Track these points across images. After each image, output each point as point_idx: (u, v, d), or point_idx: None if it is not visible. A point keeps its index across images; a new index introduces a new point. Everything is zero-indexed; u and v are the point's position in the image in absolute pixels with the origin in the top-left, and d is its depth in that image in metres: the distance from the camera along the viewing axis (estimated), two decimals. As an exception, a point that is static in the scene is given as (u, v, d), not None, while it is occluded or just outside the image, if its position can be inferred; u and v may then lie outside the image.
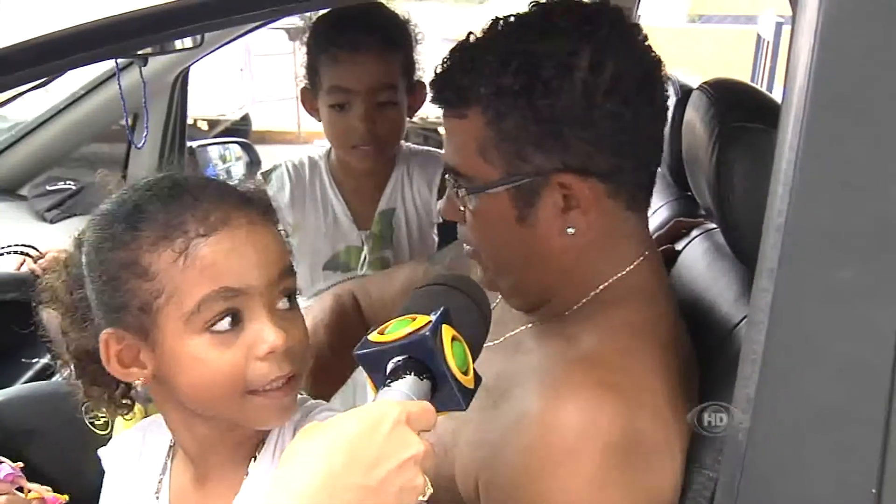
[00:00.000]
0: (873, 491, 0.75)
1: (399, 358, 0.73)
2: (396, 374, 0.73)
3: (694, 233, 1.32)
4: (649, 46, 0.99)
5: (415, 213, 1.71)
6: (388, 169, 1.71)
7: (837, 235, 0.76)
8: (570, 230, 0.97)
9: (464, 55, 0.99)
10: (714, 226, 1.28)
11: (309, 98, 1.67)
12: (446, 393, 0.74)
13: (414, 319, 0.76)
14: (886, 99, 0.75)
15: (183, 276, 0.81)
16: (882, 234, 0.75)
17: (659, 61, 0.99)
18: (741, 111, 1.05)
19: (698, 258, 1.25)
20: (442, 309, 0.76)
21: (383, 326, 0.77)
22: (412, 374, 0.72)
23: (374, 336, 0.76)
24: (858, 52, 0.75)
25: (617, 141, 0.95)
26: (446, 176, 1.06)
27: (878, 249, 0.75)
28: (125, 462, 1.00)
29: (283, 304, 0.85)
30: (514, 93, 0.93)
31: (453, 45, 1.01)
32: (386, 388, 0.73)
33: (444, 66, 1.01)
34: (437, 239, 1.74)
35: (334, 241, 1.68)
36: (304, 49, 1.66)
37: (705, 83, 1.14)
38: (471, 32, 1.01)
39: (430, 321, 0.74)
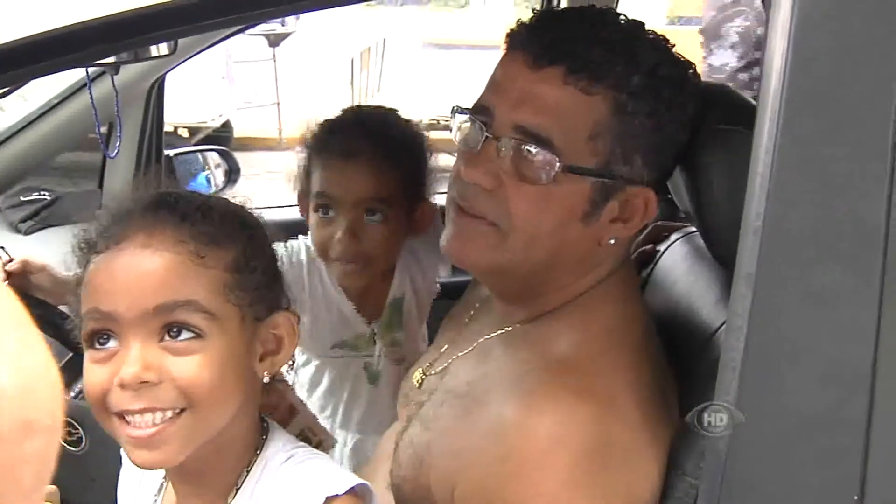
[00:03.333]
0: (855, 498, 0.74)
1: None
2: None
3: (674, 236, 1.31)
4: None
5: (424, 287, 1.62)
6: (392, 260, 1.57)
7: (815, 238, 0.76)
8: (612, 241, 0.96)
9: (602, 29, 0.94)
10: (694, 229, 1.28)
11: (303, 202, 1.54)
12: None
13: None
14: (861, 99, 0.75)
15: (83, 289, 0.85)
16: (860, 235, 0.75)
17: None
18: (719, 113, 1.04)
19: (678, 261, 1.25)
20: None
21: None
22: None
23: None
24: (832, 53, 0.75)
25: (676, 164, 0.99)
26: (502, 139, 0.94)
27: (857, 251, 0.75)
28: (131, 480, 1.01)
29: (168, 336, 0.81)
30: (652, 98, 0.92)
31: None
32: None
33: (567, 26, 0.95)
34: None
35: (342, 332, 1.58)
36: (303, 150, 1.54)
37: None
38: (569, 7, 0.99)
39: None
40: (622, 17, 0.99)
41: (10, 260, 1.45)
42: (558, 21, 0.98)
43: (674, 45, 0.99)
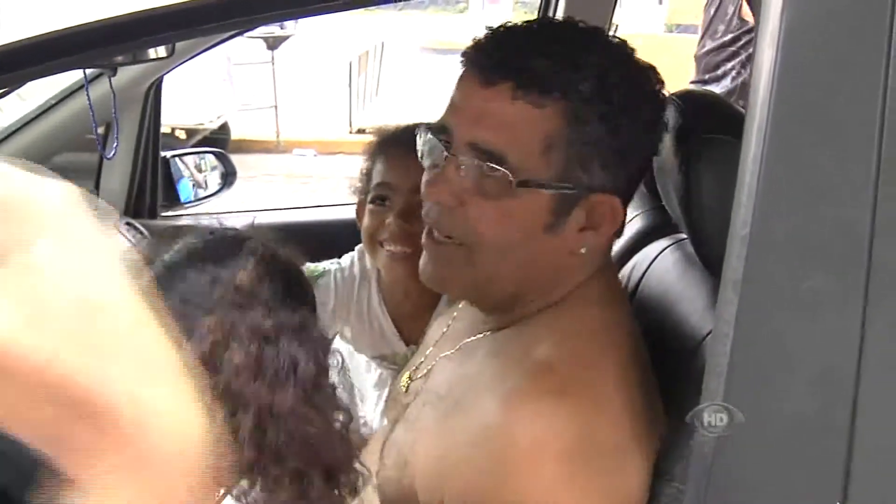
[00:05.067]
0: (837, 503, 0.75)
1: None
2: None
3: (664, 243, 1.32)
4: None
5: None
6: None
7: (802, 245, 0.76)
8: (583, 249, 0.96)
9: (548, 42, 0.94)
10: (684, 236, 1.29)
11: (361, 210, 1.58)
12: None
13: None
14: (849, 108, 0.75)
15: None
16: (846, 243, 0.76)
17: None
18: (709, 122, 1.05)
19: (668, 268, 1.26)
20: None
21: None
22: None
23: None
24: (820, 62, 0.76)
25: (643, 168, 1.00)
26: (444, 160, 0.97)
27: (843, 259, 0.76)
28: None
29: None
30: (604, 105, 0.92)
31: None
32: None
33: (513, 41, 0.96)
34: None
35: (381, 348, 1.60)
36: (364, 157, 1.60)
37: (674, 94, 1.14)
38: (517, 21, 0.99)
39: None
40: (580, 25, 1.00)
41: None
42: (507, 37, 0.98)
43: (633, 50, 0.99)
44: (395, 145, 1.53)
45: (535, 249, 0.96)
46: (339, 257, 1.70)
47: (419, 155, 1.04)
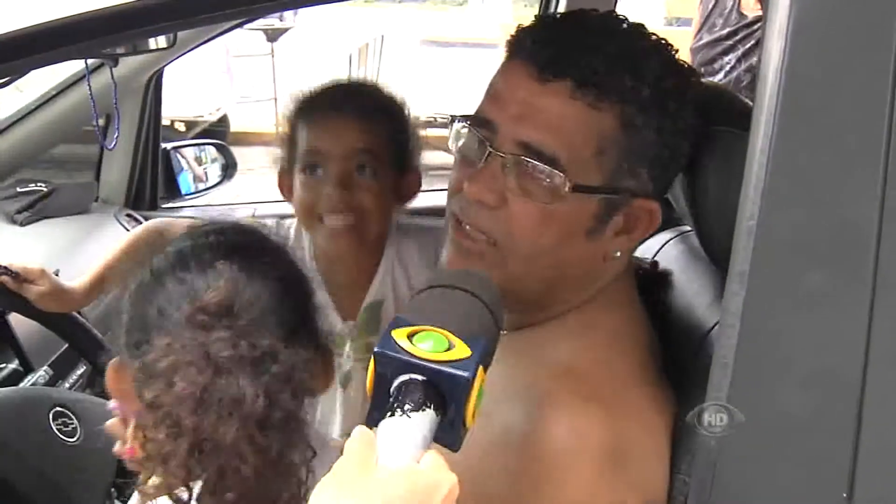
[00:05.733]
0: (844, 495, 0.75)
1: (419, 377, 0.67)
2: (411, 396, 0.66)
3: (668, 235, 1.32)
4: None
5: (409, 295, 1.49)
6: (376, 256, 1.49)
7: (807, 239, 0.76)
8: (617, 253, 0.94)
9: (607, 42, 0.90)
10: (687, 228, 1.28)
11: (285, 180, 1.48)
12: (448, 432, 0.68)
13: (450, 344, 0.68)
14: (856, 103, 0.75)
15: None
16: (851, 238, 0.75)
17: None
18: (715, 115, 1.05)
19: (672, 261, 1.25)
20: (483, 347, 0.69)
21: (412, 330, 0.69)
22: (431, 407, 0.66)
23: (400, 338, 0.68)
24: (828, 57, 0.75)
25: (676, 173, 0.98)
26: (507, 155, 0.90)
27: (848, 253, 0.76)
28: None
29: None
30: (657, 110, 0.90)
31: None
32: (402, 416, 0.65)
33: (573, 39, 0.91)
34: None
35: None
36: (284, 123, 1.50)
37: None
38: (573, 11, 0.97)
39: (469, 357, 0.67)
40: (624, 21, 0.96)
41: (4, 270, 1.42)
42: (561, 30, 0.95)
43: (677, 51, 0.97)
44: (319, 107, 1.44)
45: (572, 254, 0.93)
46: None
47: (451, 146, 0.99)
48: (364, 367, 1.48)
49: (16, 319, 1.53)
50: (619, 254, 0.94)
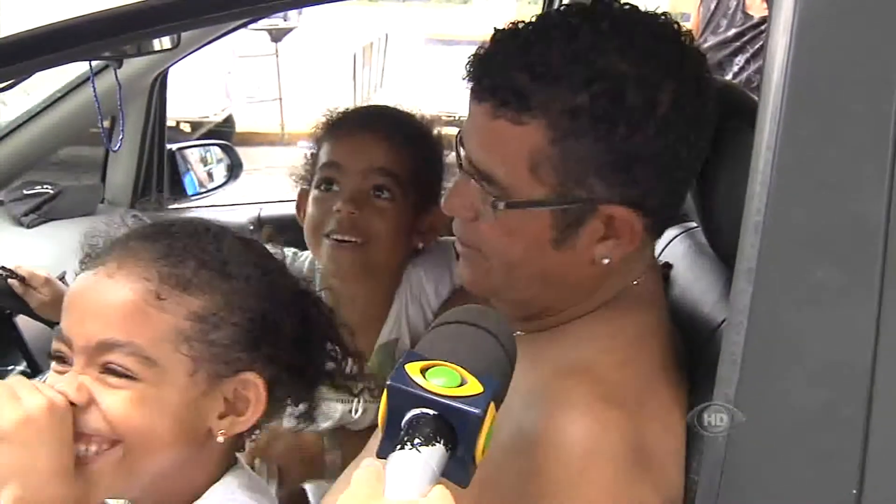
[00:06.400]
0: (854, 492, 0.74)
1: (430, 412, 0.67)
2: (421, 430, 0.66)
3: (674, 231, 1.31)
4: (711, 79, 0.95)
5: (423, 329, 1.39)
6: (390, 292, 1.41)
7: (815, 234, 0.76)
8: (606, 260, 0.92)
9: (527, 53, 0.88)
10: (694, 224, 1.28)
11: (304, 200, 1.39)
12: (457, 468, 0.68)
13: (463, 381, 0.68)
14: (861, 98, 0.75)
15: None
16: (859, 233, 0.75)
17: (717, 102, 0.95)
18: (723, 110, 1.04)
19: (679, 258, 1.25)
20: (495, 385, 0.69)
21: (425, 364, 0.70)
22: (442, 442, 0.66)
23: (414, 372, 0.69)
24: (834, 51, 0.75)
25: (673, 178, 0.92)
26: (461, 173, 0.94)
27: (856, 248, 0.75)
28: None
29: (106, 369, 0.81)
30: (592, 117, 0.86)
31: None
32: (412, 450, 0.65)
33: (496, 55, 0.91)
34: None
35: None
36: (311, 141, 1.44)
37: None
38: (519, 22, 0.92)
39: (482, 393, 0.68)
40: (597, 11, 0.91)
41: (11, 273, 1.42)
42: (495, 48, 0.93)
43: (661, 38, 0.91)
44: (344, 124, 1.38)
45: (546, 264, 0.93)
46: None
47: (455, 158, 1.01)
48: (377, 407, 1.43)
49: (23, 322, 1.54)
50: (606, 260, 0.92)
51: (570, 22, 0.90)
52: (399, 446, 0.66)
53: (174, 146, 2.34)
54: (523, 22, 0.93)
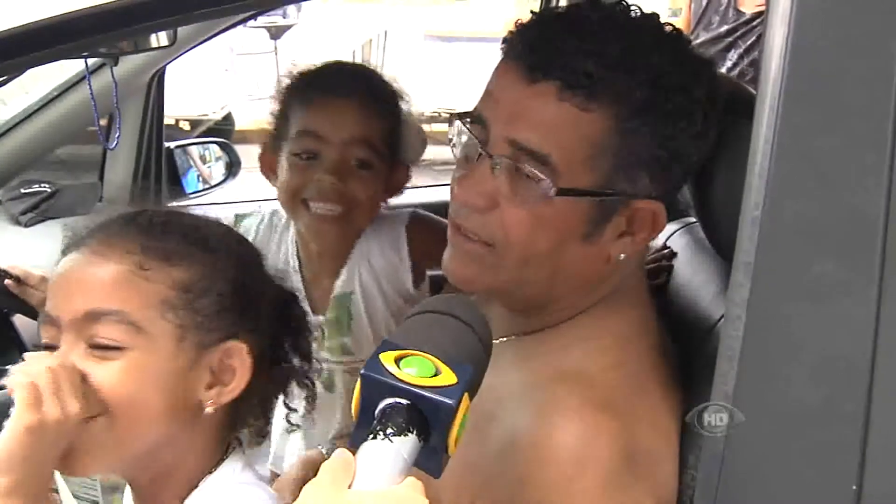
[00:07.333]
0: (854, 488, 0.74)
1: (403, 402, 0.67)
2: (394, 420, 0.66)
3: (672, 227, 1.31)
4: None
5: (378, 291, 1.46)
6: (347, 247, 1.45)
7: (813, 229, 0.75)
8: (622, 256, 0.91)
9: (597, 40, 0.86)
10: (692, 219, 1.27)
11: (268, 156, 1.40)
12: (430, 459, 0.68)
13: (437, 371, 0.68)
14: (860, 90, 0.74)
15: None
16: (857, 227, 0.74)
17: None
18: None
19: (677, 252, 1.24)
20: (469, 375, 0.69)
21: (399, 354, 0.69)
22: (414, 432, 0.66)
23: (388, 361, 0.69)
24: (832, 43, 0.74)
25: (688, 174, 0.95)
26: (497, 156, 0.88)
27: (854, 243, 0.75)
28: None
29: (95, 343, 0.82)
30: (652, 112, 0.86)
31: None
32: (384, 440, 0.65)
33: (554, 38, 0.88)
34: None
35: None
36: (276, 98, 1.43)
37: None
38: (575, 4, 0.92)
39: (455, 384, 0.67)
40: (633, 10, 0.93)
41: (5, 273, 1.42)
42: (554, 28, 0.91)
43: (689, 42, 0.94)
44: (320, 88, 1.36)
45: (569, 257, 0.91)
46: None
47: (449, 143, 0.98)
48: (344, 370, 1.47)
49: (20, 321, 1.54)
50: (623, 256, 0.91)
51: (624, 10, 0.92)
52: (371, 436, 0.66)
53: (172, 144, 2.33)
54: (566, 6, 0.93)
